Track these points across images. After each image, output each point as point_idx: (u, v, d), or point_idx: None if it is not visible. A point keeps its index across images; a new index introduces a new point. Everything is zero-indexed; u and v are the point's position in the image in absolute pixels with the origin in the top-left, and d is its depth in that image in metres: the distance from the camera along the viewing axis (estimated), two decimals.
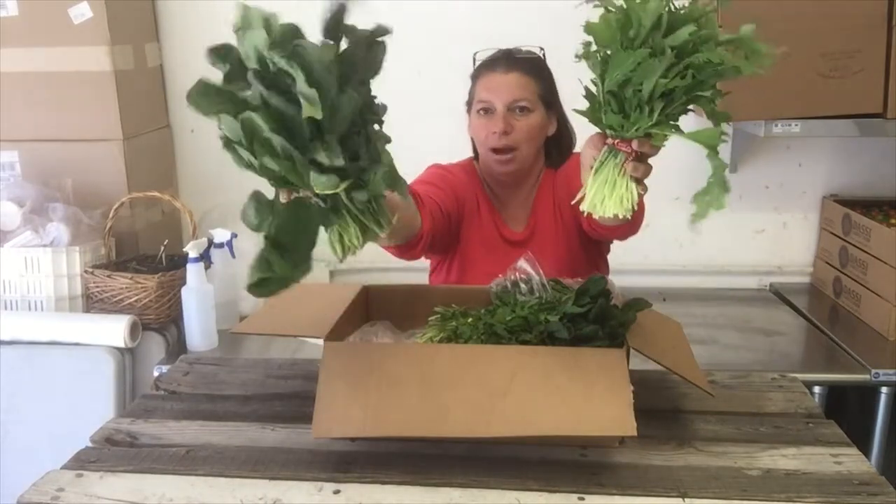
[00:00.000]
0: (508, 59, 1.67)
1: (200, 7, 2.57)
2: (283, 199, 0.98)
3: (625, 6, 1.09)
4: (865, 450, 1.71)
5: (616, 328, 1.22)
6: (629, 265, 2.49)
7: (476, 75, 1.69)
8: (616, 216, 1.13)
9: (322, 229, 1.01)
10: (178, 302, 2.14)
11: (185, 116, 2.65)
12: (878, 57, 2.17)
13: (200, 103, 0.96)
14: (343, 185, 0.97)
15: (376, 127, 1.06)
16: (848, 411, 2.15)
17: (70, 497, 1.08)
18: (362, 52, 1.01)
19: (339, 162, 0.95)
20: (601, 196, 1.13)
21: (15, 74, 2.29)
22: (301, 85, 0.91)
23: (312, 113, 0.91)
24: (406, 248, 1.50)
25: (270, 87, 0.94)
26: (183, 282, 2.12)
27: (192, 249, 2.10)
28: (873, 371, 1.99)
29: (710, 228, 2.63)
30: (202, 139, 2.66)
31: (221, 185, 2.56)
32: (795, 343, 2.27)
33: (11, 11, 2.25)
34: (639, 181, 1.14)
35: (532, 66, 1.67)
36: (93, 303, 2.19)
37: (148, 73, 2.52)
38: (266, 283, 0.95)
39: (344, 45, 1.03)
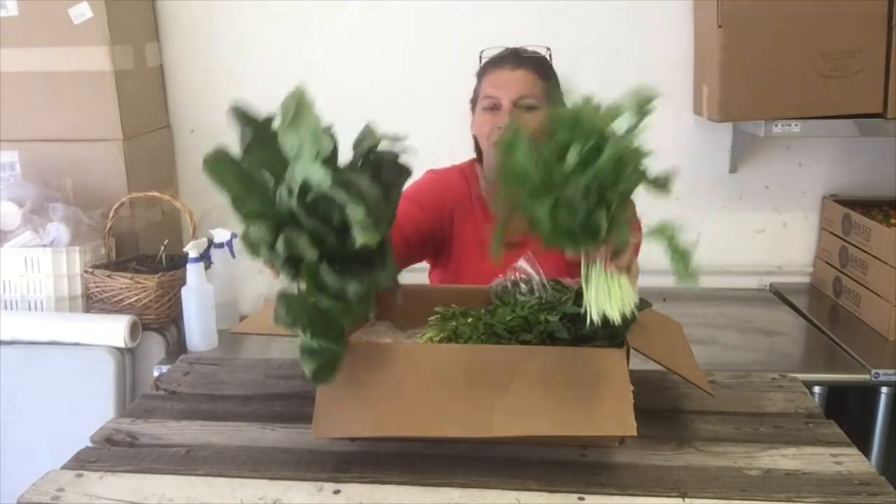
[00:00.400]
0: (516, 57, 1.67)
1: (200, 7, 2.57)
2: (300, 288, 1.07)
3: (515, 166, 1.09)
4: (865, 450, 1.71)
5: (616, 328, 1.22)
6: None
7: (482, 72, 1.69)
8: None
9: None
10: (178, 302, 2.14)
11: (185, 116, 2.66)
12: (878, 57, 2.17)
13: (215, 173, 1.04)
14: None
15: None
16: (848, 411, 2.14)
17: (70, 497, 1.08)
18: (392, 175, 1.11)
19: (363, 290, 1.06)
20: (602, 305, 1.13)
21: (15, 74, 2.29)
22: (361, 217, 1.00)
23: (369, 241, 1.01)
24: None
25: (311, 212, 1.02)
26: (183, 282, 2.12)
27: (192, 249, 2.10)
28: (873, 371, 1.99)
29: (710, 228, 2.63)
30: (202, 139, 2.66)
31: None
32: (795, 343, 2.27)
33: (11, 11, 2.25)
34: (627, 269, 1.15)
35: (539, 65, 1.67)
36: (93, 303, 2.19)
37: (148, 73, 2.52)
38: (323, 368, 1.06)
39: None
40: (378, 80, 2.57)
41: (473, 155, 1.80)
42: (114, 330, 2.04)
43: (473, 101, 1.71)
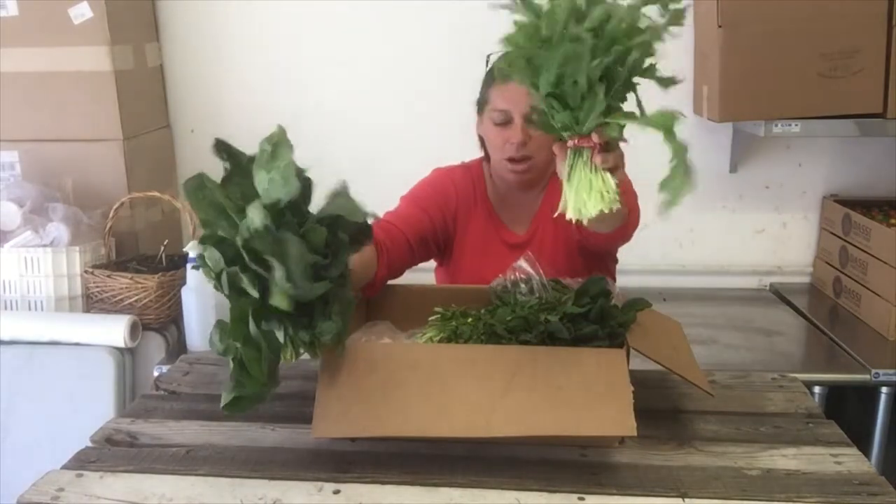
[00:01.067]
0: None
1: (200, 7, 2.57)
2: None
3: (534, 9, 1.08)
4: (865, 450, 1.71)
5: (616, 328, 1.22)
6: (629, 265, 2.49)
7: (491, 81, 1.65)
8: (602, 212, 1.09)
9: None
10: (178, 302, 2.14)
11: (185, 116, 2.66)
12: (878, 57, 2.17)
13: (191, 194, 1.09)
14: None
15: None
16: (848, 411, 2.15)
17: (70, 497, 1.08)
18: (349, 234, 1.13)
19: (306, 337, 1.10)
20: (581, 199, 1.10)
21: (15, 74, 2.29)
22: (279, 278, 1.02)
23: (280, 304, 1.03)
24: (361, 290, 1.50)
25: (256, 259, 1.05)
26: (183, 282, 2.12)
27: (192, 249, 2.10)
28: (873, 371, 1.99)
29: (710, 228, 2.63)
30: (202, 139, 2.65)
31: None
32: (795, 343, 2.27)
33: (11, 11, 2.25)
34: (612, 171, 1.11)
35: None
36: (93, 303, 2.19)
37: (148, 73, 2.52)
38: (240, 401, 1.08)
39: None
40: (381, 79, 2.57)
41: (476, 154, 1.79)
42: (114, 330, 2.04)
43: (480, 104, 1.68)
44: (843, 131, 2.24)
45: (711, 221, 2.63)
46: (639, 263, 2.58)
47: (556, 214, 1.15)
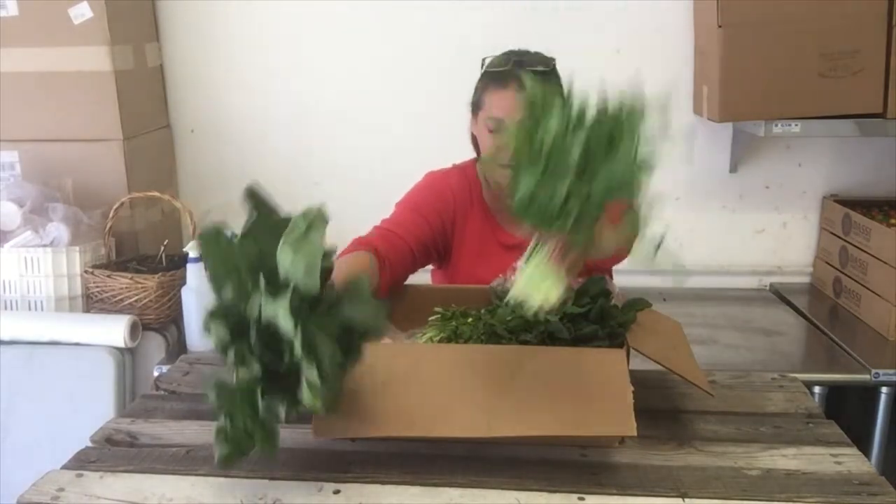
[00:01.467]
0: (520, 76, 1.62)
1: (200, 7, 2.57)
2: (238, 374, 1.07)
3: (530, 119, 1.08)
4: (865, 450, 1.71)
5: (616, 328, 1.22)
6: (629, 265, 2.50)
7: (486, 86, 1.63)
8: (542, 306, 1.09)
9: None
10: (178, 302, 2.14)
11: (185, 116, 2.66)
12: (878, 57, 2.17)
13: (206, 246, 1.06)
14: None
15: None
16: (848, 411, 2.14)
17: (70, 497, 1.08)
18: (362, 334, 1.10)
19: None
20: (530, 288, 1.09)
21: (15, 74, 2.29)
22: (314, 380, 1.00)
23: (312, 405, 1.01)
24: None
25: (266, 341, 1.03)
26: (183, 282, 2.12)
27: (192, 249, 2.10)
28: (873, 371, 1.99)
29: (710, 228, 2.63)
30: (202, 139, 2.66)
31: (221, 185, 2.56)
32: (795, 343, 2.27)
33: (11, 11, 2.25)
34: (569, 270, 1.11)
35: (544, 82, 1.62)
36: (93, 303, 2.19)
37: (148, 73, 2.52)
38: (232, 455, 1.06)
39: None
40: (381, 79, 2.57)
41: (473, 155, 1.80)
42: (114, 330, 2.04)
43: (474, 105, 1.68)
44: (843, 131, 2.24)
45: (711, 221, 2.63)
46: (639, 264, 2.58)
47: (506, 300, 1.14)
